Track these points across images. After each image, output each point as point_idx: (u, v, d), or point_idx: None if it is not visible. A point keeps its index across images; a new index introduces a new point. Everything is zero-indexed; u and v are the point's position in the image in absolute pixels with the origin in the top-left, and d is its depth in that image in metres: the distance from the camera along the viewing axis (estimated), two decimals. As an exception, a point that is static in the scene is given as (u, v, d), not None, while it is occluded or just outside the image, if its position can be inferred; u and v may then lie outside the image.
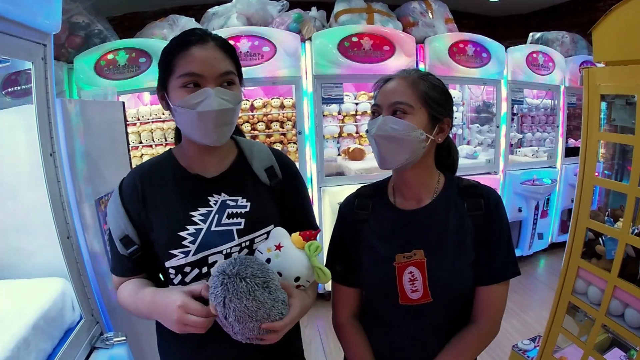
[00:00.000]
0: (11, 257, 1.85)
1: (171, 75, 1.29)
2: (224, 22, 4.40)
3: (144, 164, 1.49)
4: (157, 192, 1.40)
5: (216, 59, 1.30)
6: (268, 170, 1.49)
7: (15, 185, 1.81)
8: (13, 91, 3.46)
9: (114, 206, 1.40)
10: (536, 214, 5.40)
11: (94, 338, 1.79)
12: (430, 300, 1.42)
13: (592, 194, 2.19)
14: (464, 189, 1.51)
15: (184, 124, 1.34)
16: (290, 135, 4.68)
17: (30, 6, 1.53)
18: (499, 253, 1.45)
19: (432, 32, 4.73)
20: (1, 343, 1.31)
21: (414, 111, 1.39)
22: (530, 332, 3.66)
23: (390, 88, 1.43)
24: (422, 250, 1.44)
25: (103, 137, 2.35)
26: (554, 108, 5.79)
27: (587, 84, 2.13)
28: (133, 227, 1.38)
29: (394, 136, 1.38)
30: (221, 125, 1.31)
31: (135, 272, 1.44)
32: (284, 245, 1.29)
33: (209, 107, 1.26)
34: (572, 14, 7.16)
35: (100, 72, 3.98)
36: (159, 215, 1.37)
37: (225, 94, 1.29)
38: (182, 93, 1.27)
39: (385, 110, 1.42)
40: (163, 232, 1.35)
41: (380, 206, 1.56)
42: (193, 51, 1.27)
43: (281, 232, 1.33)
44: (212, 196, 1.40)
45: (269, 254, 1.28)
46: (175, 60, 1.28)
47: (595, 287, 2.14)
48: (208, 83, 1.27)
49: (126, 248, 1.38)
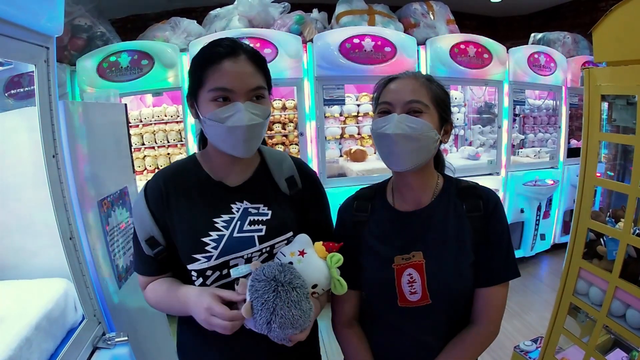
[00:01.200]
0: (14, 258, 1.86)
1: (202, 87, 1.30)
2: (225, 24, 4.41)
3: (168, 167, 1.50)
4: (181, 197, 1.41)
5: (247, 73, 1.30)
6: (288, 180, 1.51)
7: (18, 186, 1.82)
8: (16, 93, 3.47)
9: (139, 208, 1.41)
10: (538, 214, 5.38)
11: (96, 338, 1.79)
12: (429, 302, 1.41)
13: (593, 194, 2.19)
14: (462, 190, 1.50)
15: (213, 135, 1.35)
16: (292, 136, 4.68)
17: (32, 9, 1.54)
18: (498, 254, 1.44)
19: (434, 33, 4.73)
20: (4, 343, 1.32)
21: (429, 110, 1.38)
22: (532, 333, 3.66)
23: (403, 86, 1.41)
24: (420, 252, 1.43)
25: (106, 139, 2.36)
26: (555, 109, 5.78)
27: (587, 85, 2.13)
28: (158, 228, 1.40)
29: (412, 135, 1.35)
30: (250, 139, 1.32)
31: (160, 272, 1.47)
32: (307, 252, 1.30)
33: (240, 122, 1.26)
34: (574, 14, 7.16)
35: (102, 74, 4.00)
36: (182, 221, 1.39)
37: (255, 109, 1.29)
38: (213, 106, 1.28)
39: (400, 108, 1.37)
40: (186, 237, 1.37)
41: (379, 208, 1.55)
42: (225, 65, 1.27)
43: (305, 239, 1.34)
44: (234, 203, 1.42)
45: (292, 257, 1.29)
46: (207, 73, 1.28)
47: (596, 287, 2.14)
48: (238, 98, 1.28)
49: (152, 249, 1.40)
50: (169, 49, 4.15)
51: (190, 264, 1.37)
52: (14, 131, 1.82)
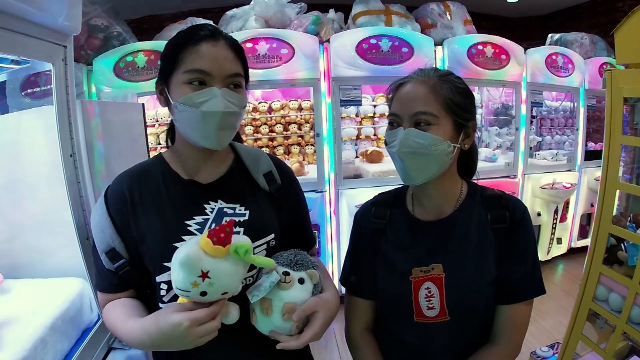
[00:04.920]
0: (29, 256, 1.87)
1: (176, 69, 1.23)
2: (242, 24, 4.41)
3: (131, 169, 1.38)
4: (148, 200, 1.30)
5: (226, 58, 1.24)
6: (267, 175, 1.42)
7: (35, 184, 1.83)
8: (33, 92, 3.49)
9: (98, 216, 1.29)
10: (555, 218, 5.32)
11: (112, 339, 1.80)
12: (448, 319, 1.35)
13: (614, 198, 2.16)
14: (488, 199, 1.42)
15: (184, 122, 1.26)
16: (307, 137, 4.68)
17: (51, 8, 1.55)
18: (522, 270, 1.36)
19: (451, 34, 4.70)
20: (19, 343, 1.34)
21: (439, 121, 1.28)
22: (549, 338, 3.63)
23: (410, 95, 1.31)
24: (440, 265, 1.36)
25: (122, 139, 2.36)
26: (573, 110, 5.72)
27: (609, 87, 2.10)
28: (120, 239, 1.28)
29: (419, 151, 1.28)
30: (224, 129, 1.25)
31: (121, 289, 1.33)
32: (206, 267, 1.02)
33: (215, 107, 1.20)
34: (591, 14, 7.08)
35: (119, 74, 4.02)
36: (150, 225, 1.27)
37: (231, 96, 1.23)
38: (187, 90, 1.21)
39: (406, 121, 1.30)
40: (156, 243, 1.26)
41: (398, 216, 1.47)
42: (203, 47, 1.21)
43: (191, 254, 1.02)
44: (208, 203, 1.31)
45: (196, 288, 1.02)
46: (183, 54, 1.21)
47: (616, 293, 2.11)
48: (215, 83, 1.22)
49: (112, 262, 1.27)
50: (186, 49, 4.13)
51: (159, 275, 1.25)
52: (31, 130, 1.83)
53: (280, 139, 4.69)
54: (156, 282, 1.27)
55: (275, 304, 1.15)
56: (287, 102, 4.68)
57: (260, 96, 4.94)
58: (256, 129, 4.62)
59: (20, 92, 3.47)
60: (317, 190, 4.35)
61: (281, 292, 1.16)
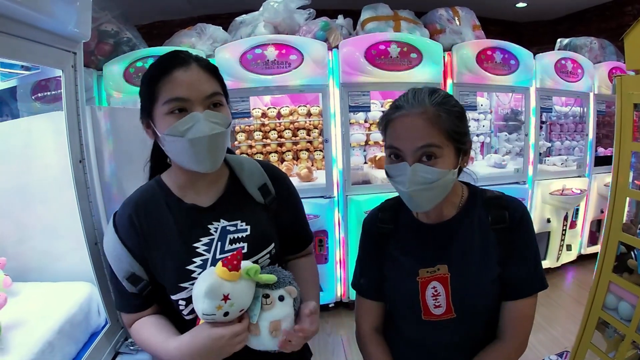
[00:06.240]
0: (38, 260, 1.88)
1: (155, 102, 1.26)
2: (251, 30, 4.42)
3: (135, 198, 1.42)
4: (156, 229, 1.36)
5: (200, 80, 1.27)
6: (261, 189, 1.48)
7: (44, 189, 1.84)
8: (42, 97, 3.53)
9: (112, 245, 1.35)
10: (565, 224, 5.26)
11: (119, 343, 1.81)
12: (454, 316, 1.40)
13: (624, 206, 2.14)
14: (488, 201, 1.47)
15: (174, 152, 1.30)
16: (316, 143, 4.68)
17: (61, 16, 1.56)
18: (525, 267, 1.40)
19: (460, 39, 4.68)
20: (27, 346, 1.34)
21: (443, 152, 1.29)
22: (558, 347, 3.61)
23: (411, 128, 1.30)
24: (445, 266, 1.41)
25: (132, 144, 2.36)
26: (582, 116, 5.66)
27: (619, 93, 2.09)
28: (138, 263, 1.35)
29: (429, 186, 1.30)
30: (214, 150, 1.28)
31: (145, 307, 1.41)
32: (227, 291, 1.18)
33: (200, 132, 1.23)
34: (600, 19, 7.04)
35: (129, 79, 4.05)
36: (162, 253, 1.34)
37: (215, 117, 1.26)
38: (170, 120, 1.24)
39: (410, 156, 1.29)
40: (170, 269, 1.33)
41: (403, 220, 1.53)
42: (176, 75, 1.24)
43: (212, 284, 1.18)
44: (211, 224, 1.38)
45: (220, 311, 1.18)
46: (159, 87, 1.24)
47: (626, 302, 2.10)
48: (195, 107, 1.24)
49: (134, 285, 1.35)
50: (195, 54, 4.14)
51: (176, 294, 1.33)
52: (41, 135, 1.84)
53: (289, 145, 4.68)
54: (173, 299, 1.35)
55: (262, 324, 1.25)
56: (296, 108, 4.68)
57: (269, 102, 4.94)
58: (265, 134, 4.61)
59: (30, 97, 3.51)
60: (326, 196, 4.34)
61: (265, 313, 1.26)
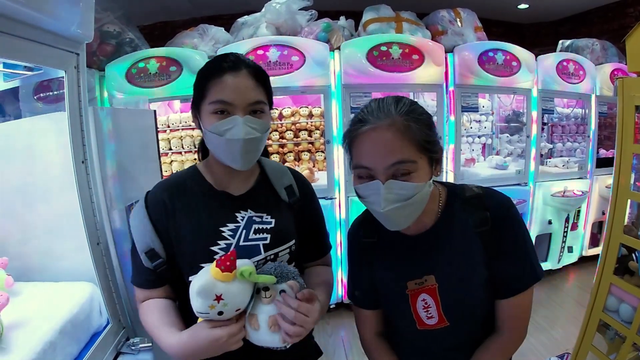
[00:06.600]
0: (40, 260, 1.88)
1: (204, 99, 1.35)
2: (253, 31, 4.43)
3: (169, 179, 1.53)
4: (186, 207, 1.44)
5: (247, 87, 1.34)
6: (287, 189, 1.57)
7: (46, 189, 1.84)
8: (45, 97, 3.53)
9: (138, 219, 1.42)
10: (566, 226, 5.26)
11: (120, 343, 1.81)
12: (447, 325, 1.38)
13: (626, 208, 2.14)
14: (467, 202, 1.38)
15: (213, 147, 1.40)
16: (318, 144, 4.68)
17: (64, 17, 1.57)
18: (515, 266, 1.35)
19: (462, 41, 4.69)
20: (29, 346, 1.35)
21: (417, 166, 1.22)
22: (558, 348, 3.61)
23: (380, 144, 1.22)
24: (432, 276, 1.37)
25: (134, 144, 2.37)
26: (584, 117, 5.67)
27: (621, 95, 2.09)
28: (159, 240, 1.41)
29: (405, 203, 1.23)
30: (247, 153, 1.37)
31: (157, 285, 1.46)
32: (220, 291, 1.19)
33: (237, 135, 1.32)
34: (602, 20, 7.03)
35: (131, 80, 4.05)
36: (189, 230, 1.41)
37: (253, 123, 1.34)
38: (213, 119, 1.33)
39: (382, 174, 1.21)
40: (194, 246, 1.40)
41: (385, 233, 1.39)
42: (225, 78, 1.33)
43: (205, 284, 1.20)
44: (239, 212, 1.46)
45: (213, 310, 1.19)
46: (209, 86, 1.34)
47: (627, 304, 2.10)
48: (237, 111, 1.33)
49: (151, 261, 1.40)
50: (197, 55, 4.18)
51: (193, 275, 1.31)
52: (43, 135, 1.85)
53: (291, 146, 4.68)
54: (189, 281, 1.34)
55: (261, 318, 1.26)
56: (297, 109, 4.68)
57: (271, 103, 4.92)
58: (267, 135, 4.61)
59: (33, 97, 3.51)
60: (327, 197, 4.34)
61: (264, 307, 1.27)
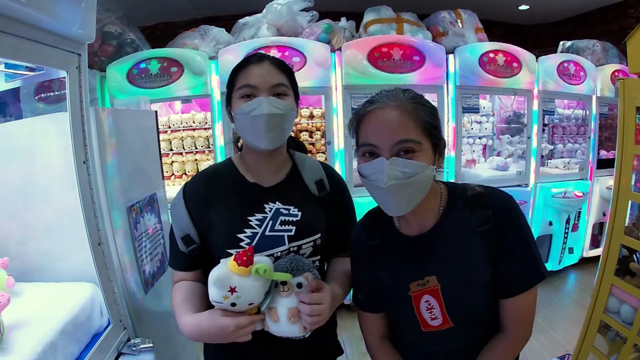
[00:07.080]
0: (41, 260, 1.88)
1: (233, 88, 1.51)
2: (254, 32, 4.44)
3: (206, 170, 1.68)
4: (219, 196, 1.55)
5: (270, 73, 1.48)
6: (318, 183, 1.63)
7: (48, 189, 1.84)
8: (46, 97, 3.53)
9: (177, 207, 1.56)
10: (567, 227, 5.27)
11: (121, 344, 1.80)
12: (452, 325, 1.37)
13: (627, 209, 2.14)
14: (469, 201, 1.38)
15: (241, 129, 1.51)
16: (319, 145, 4.68)
17: (65, 17, 1.56)
18: (517, 263, 1.33)
19: (462, 42, 4.70)
20: (29, 346, 1.34)
21: (421, 147, 1.24)
22: (559, 350, 3.60)
23: (387, 122, 1.25)
24: (434, 277, 1.36)
25: (135, 145, 2.38)
26: (585, 118, 5.67)
27: (622, 96, 2.09)
28: (194, 227, 1.53)
29: (407, 182, 1.23)
30: (272, 130, 1.46)
31: (191, 268, 1.58)
32: (234, 283, 1.26)
33: (260, 111, 1.43)
34: (602, 21, 7.04)
35: (132, 80, 4.07)
36: (219, 217, 1.52)
37: (276, 103, 1.46)
38: (241, 102, 1.47)
39: (387, 151, 1.23)
40: (223, 233, 1.51)
41: (387, 234, 1.46)
42: (250, 68, 1.49)
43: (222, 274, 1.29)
44: (267, 203, 1.54)
45: (227, 301, 1.27)
46: (237, 77, 1.50)
47: (628, 305, 2.09)
48: (261, 93, 1.45)
49: (186, 246, 1.53)
50: (198, 56, 4.19)
51: (223, 259, 1.41)
52: (45, 135, 1.86)
53: (295, 136, 4.67)
54: None
55: (281, 311, 1.33)
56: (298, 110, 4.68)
57: (271, 103, 4.92)
58: (267, 136, 4.61)
59: (34, 97, 3.52)
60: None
61: (282, 300, 1.34)
